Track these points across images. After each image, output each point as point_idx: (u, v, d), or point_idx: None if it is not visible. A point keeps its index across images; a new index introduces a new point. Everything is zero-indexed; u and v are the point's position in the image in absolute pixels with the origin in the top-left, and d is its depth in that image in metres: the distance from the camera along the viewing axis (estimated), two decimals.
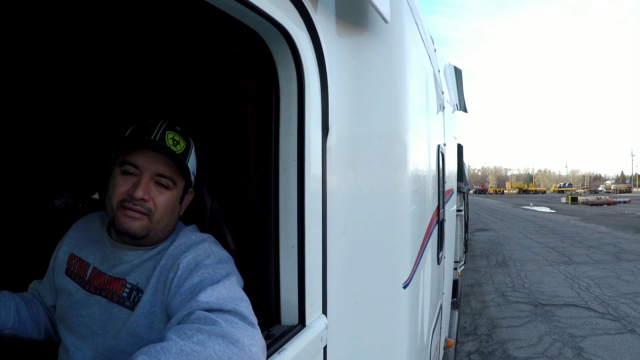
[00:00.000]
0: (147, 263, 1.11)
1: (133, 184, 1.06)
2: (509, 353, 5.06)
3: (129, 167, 1.06)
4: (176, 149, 1.10)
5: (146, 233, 1.08)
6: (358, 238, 1.19)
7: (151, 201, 1.07)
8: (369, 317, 1.20)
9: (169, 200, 1.11)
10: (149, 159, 1.07)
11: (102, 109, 2.00)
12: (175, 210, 1.15)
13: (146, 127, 1.10)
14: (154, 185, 1.08)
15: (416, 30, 1.57)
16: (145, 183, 1.06)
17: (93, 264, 1.16)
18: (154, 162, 1.07)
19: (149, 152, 1.07)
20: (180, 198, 1.16)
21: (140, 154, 1.07)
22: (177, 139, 1.12)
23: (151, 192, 1.07)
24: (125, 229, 1.05)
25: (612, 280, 8.46)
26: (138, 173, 1.07)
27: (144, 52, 1.69)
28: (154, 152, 1.07)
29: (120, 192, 1.06)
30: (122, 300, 1.08)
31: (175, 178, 1.11)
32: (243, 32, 0.96)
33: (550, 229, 17.75)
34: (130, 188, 1.05)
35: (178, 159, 1.09)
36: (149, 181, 1.07)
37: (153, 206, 1.07)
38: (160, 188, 1.09)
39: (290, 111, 1.04)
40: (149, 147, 1.07)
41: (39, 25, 1.53)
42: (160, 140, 1.08)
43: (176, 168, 1.10)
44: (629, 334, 5.57)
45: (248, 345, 0.81)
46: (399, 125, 1.25)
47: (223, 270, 1.02)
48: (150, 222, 1.08)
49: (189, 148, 1.15)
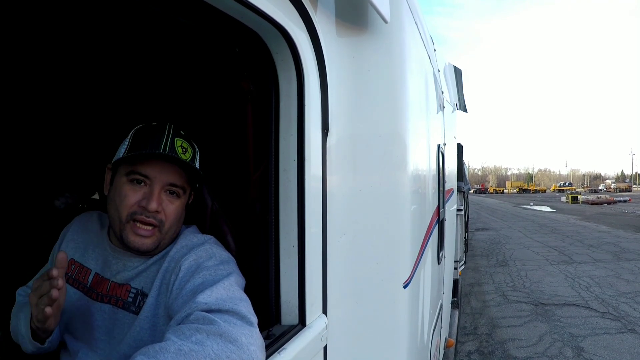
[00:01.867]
0: (151, 267, 1.10)
1: (144, 195, 1.04)
2: (509, 353, 5.06)
3: (139, 176, 1.04)
4: (185, 157, 1.08)
5: (156, 246, 1.08)
6: (358, 238, 1.19)
7: (162, 212, 1.06)
8: (369, 317, 1.20)
9: (179, 209, 1.11)
10: (159, 168, 1.05)
11: (102, 109, 2.00)
12: (182, 216, 1.14)
13: (153, 135, 1.07)
14: (164, 194, 1.07)
15: (416, 30, 1.57)
16: (157, 194, 1.05)
17: (94, 270, 1.14)
18: (165, 172, 1.06)
19: (159, 162, 1.06)
20: (186, 204, 1.15)
21: (150, 163, 1.05)
22: (185, 146, 1.10)
23: (162, 203, 1.06)
24: (137, 247, 1.05)
25: (613, 280, 8.45)
26: (149, 183, 1.05)
27: (144, 52, 1.69)
28: (164, 162, 1.06)
29: (131, 203, 1.03)
30: (127, 305, 1.08)
31: (185, 186, 1.11)
32: (243, 32, 0.96)
33: (550, 228, 17.75)
34: (142, 199, 1.04)
35: (193, 169, 1.08)
36: (160, 192, 1.06)
37: (164, 217, 1.06)
38: (170, 197, 1.08)
39: (290, 111, 1.04)
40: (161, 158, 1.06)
41: (39, 26, 1.53)
42: (171, 150, 1.06)
43: (185, 176, 1.10)
44: (630, 334, 5.57)
45: (246, 344, 0.81)
46: (399, 125, 1.25)
47: (224, 271, 1.02)
48: (161, 233, 1.07)
49: (195, 153, 1.14)
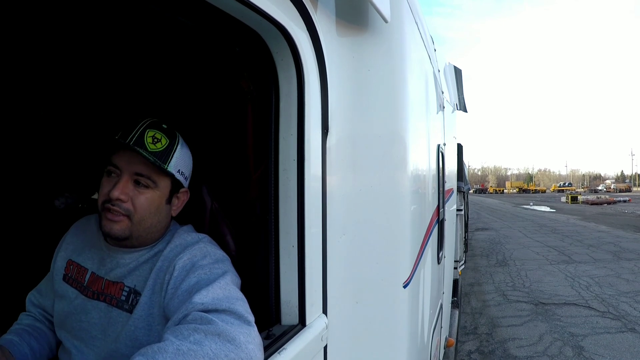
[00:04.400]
0: (143, 266, 1.10)
1: (114, 185, 1.06)
2: (509, 352, 5.06)
3: (112, 167, 1.07)
4: (155, 147, 1.07)
5: (128, 234, 1.07)
6: (358, 238, 1.19)
7: (129, 202, 1.06)
8: (369, 317, 1.20)
9: (151, 201, 1.09)
10: (127, 159, 1.07)
11: (102, 109, 1.99)
12: (162, 210, 1.12)
13: (128, 127, 1.10)
14: (133, 185, 1.07)
15: (416, 30, 1.57)
16: (123, 183, 1.06)
17: (91, 269, 1.16)
18: (132, 162, 1.07)
19: (128, 152, 1.07)
20: (167, 198, 1.13)
21: (121, 154, 1.08)
22: (159, 137, 1.08)
23: (130, 192, 1.06)
24: (107, 232, 1.06)
25: (613, 279, 8.45)
26: (118, 173, 1.07)
27: (144, 52, 1.69)
28: (132, 152, 1.06)
29: (104, 192, 1.06)
30: (121, 303, 1.08)
31: (154, 177, 1.09)
32: (243, 32, 0.96)
33: (550, 228, 17.75)
34: (111, 189, 1.05)
35: (152, 159, 1.05)
36: (127, 181, 1.06)
37: (131, 206, 1.06)
38: (140, 188, 1.08)
39: (290, 111, 1.04)
40: (126, 147, 1.06)
41: (39, 26, 1.53)
42: (139, 139, 1.06)
43: (154, 167, 1.08)
44: (630, 333, 5.57)
45: (244, 343, 0.81)
46: (399, 125, 1.25)
47: (219, 270, 1.02)
48: (132, 223, 1.07)
49: (172, 145, 1.10)
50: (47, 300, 1.27)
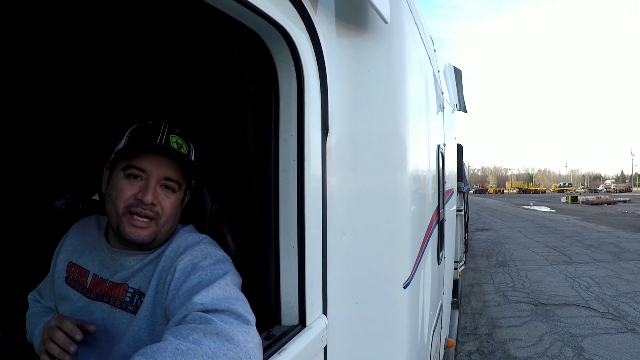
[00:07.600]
0: (148, 267, 1.11)
1: (140, 188, 1.05)
2: (509, 353, 5.06)
3: (135, 170, 1.06)
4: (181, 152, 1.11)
5: (153, 239, 1.08)
6: (358, 238, 1.19)
7: (159, 205, 1.07)
8: (369, 317, 1.20)
9: (175, 204, 1.11)
10: (155, 162, 1.07)
11: (102, 109, 2.00)
12: (179, 212, 1.16)
13: (149, 131, 1.10)
14: (160, 189, 1.08)
15: (416, 30, 1.57)
16: (153, 187, 1.06)
17: (93, 271, 1.15)
18: (161, 166, 1.08)
19: (156, 156, 1.07)
20: (182, 200, 1.17)
21: (146, 157, 1.07)
22: (180, 142, 1.12)
23: (159, 196, 1.07)
24: (133, 239, 1.05)
25: (613, 280, 8.45)
26: (144, 177, 1.06)
27: (144, 53, 1.69)
28: (160, 156, 1.08)
29: (127, 196, 1.05)
30: (125, 304, 1.08)
31: (181, 181, 1.12)
32: (243, 33, 0.96)
33: (550, 229, 17.75)
34: (138, 192, 1.05)
35: (188, 161, 1.10)
36: (156, 185, 1.07)
37: (160, 210, 1.07)
38: (166, 192, 1.09)
39: (290, 111, 1.04)
40: (157, 151, 1.07)
41: (39, 26, 1.53)
42: (167, 143, 1.08)
43: (181, 171, 1.11)
44: (630, 333, 5.57)
45: (243, 342, 0.81)
46: (399, 126, 1.25)
47: (220, 271, 1.02)
48: (157, 226, 1.08)
49: (190, 150, 1.16)
50: (47, 302, 1.27)
